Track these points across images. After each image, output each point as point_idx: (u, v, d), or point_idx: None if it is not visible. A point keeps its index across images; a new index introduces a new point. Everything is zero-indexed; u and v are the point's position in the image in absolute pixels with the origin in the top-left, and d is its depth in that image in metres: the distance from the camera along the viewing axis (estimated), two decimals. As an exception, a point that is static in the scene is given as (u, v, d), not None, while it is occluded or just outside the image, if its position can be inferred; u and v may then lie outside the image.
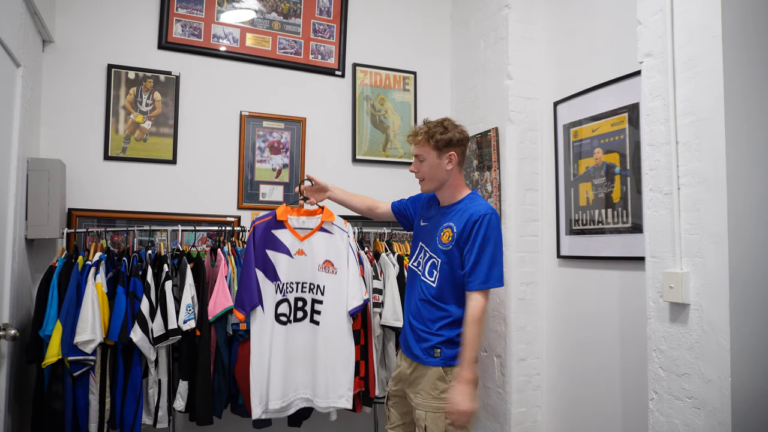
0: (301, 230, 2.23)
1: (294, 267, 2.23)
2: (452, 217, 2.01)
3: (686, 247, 1.73)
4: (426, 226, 2.12)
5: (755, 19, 1.73)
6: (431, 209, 2.16)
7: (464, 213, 1.98)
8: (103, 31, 2.73)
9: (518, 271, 2.80)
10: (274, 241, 2.21)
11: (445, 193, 2.07)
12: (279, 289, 2.21)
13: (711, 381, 1.63)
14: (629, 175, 2.30)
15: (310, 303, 2.24)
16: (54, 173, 2.33)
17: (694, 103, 1.71)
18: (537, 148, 2.88)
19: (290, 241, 2.22)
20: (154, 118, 2.79)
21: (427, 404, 1.93)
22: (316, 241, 2.23)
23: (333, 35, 3.21)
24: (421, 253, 2.09)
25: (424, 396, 1.95)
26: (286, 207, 2.26)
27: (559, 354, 2.73)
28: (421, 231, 2.14)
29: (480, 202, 2.04)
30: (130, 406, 2.20)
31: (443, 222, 2.03)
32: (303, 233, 2.22)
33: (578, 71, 2.62)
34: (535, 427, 2.79)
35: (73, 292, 2.16)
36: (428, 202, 2.20)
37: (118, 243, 2.68)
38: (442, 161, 2.00)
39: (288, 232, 2.20)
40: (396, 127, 3.33)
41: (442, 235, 2.00)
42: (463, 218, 1.96)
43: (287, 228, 2.20)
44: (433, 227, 2.07)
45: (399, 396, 2.10)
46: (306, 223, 2.23)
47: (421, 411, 1.94)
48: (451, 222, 2.00)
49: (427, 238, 2.08)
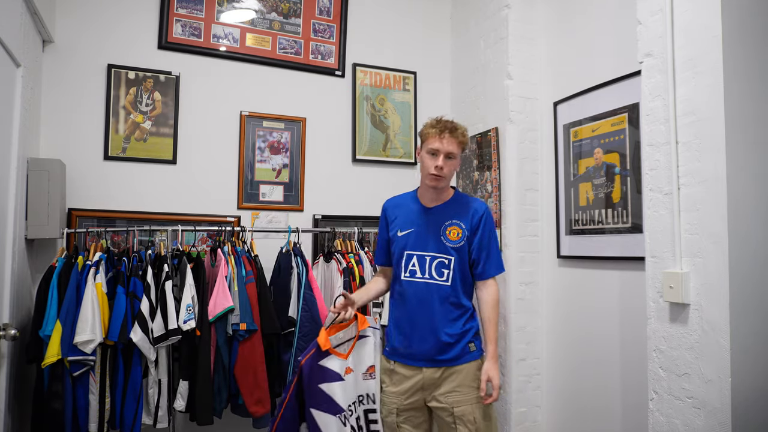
0: (341, 347, 2.04)
1: (347, 388, 2.01)
2: (454, 214, 2.03)
3: (686, 247, 1.73)
4: (411, 233, 2.04)
5: (755, 19, 1.73)
6: (412, 215, 2.08)
7: (466, 209, 2.03)
8: (103, 31, 2.73)
9: (518, 271, 2.80)
10: (324, 374, 1.99)
11: (441, 193, 2.06)
12: (345, 419, 1.97)
13: (711, 381, 1.63)
14: (629, 175, 2.30)
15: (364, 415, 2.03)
16: (54, 173, 2.33)
17: (694, 103, 1.71)
18: (537, 148, 2.88)
19: (338, 366, 2.01)
20: (154, 118, 2.79)
21: (472, 397, 1.94)
22: (357, 352, 2.04)
23: (333, 35, 3.21)
24: (412, 260, 2.02)
25: (465, 391, 1.94)
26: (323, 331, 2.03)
27: (559, 354, 2.73)
28: (405, 239, 2.05)
29: (470, 197, 2.15)
30: (130, 406, 2.20)
31: (444, 221, 2.02)
32: (344, 350, 2.04)
33: (578, 71, 2.62)
34: (535, 427, 2.79)
35: (73, 292, 2.16)
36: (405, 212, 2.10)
37: (118, 243, 2.68)
38: (458, 164, 2.06)
39: (335, 357, 2.01)
40: (396, 127, 3.33)
41: (449, 234, 2.01)
42: (468, 214, 2.02)
43: (332, 353, 2.01)
44: (425, 230, 2.03)
45: (414, 408, 2.01)
46: (344, 338, 2.05)
47: (467, 406, 1.93)
48: (455, 219, 2.02)
49: (417, 243, 2.02)
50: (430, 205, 2.06)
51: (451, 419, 1.93)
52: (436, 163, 1.95)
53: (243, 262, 2.48)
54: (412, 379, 1.98)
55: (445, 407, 1.94)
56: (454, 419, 1.92)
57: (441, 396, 1.95)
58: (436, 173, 1.96)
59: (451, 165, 1.98)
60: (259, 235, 2.87)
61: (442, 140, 1.96)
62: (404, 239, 2.05)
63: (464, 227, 2.01)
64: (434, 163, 1.96)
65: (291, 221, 3.02)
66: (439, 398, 1.96)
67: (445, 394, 1.95)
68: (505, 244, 2.83)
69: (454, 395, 1.94)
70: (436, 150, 1.96)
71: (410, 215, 2.08)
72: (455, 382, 1.95)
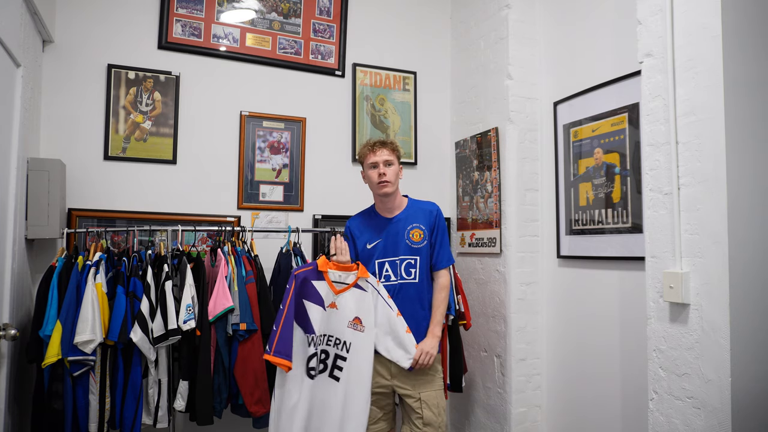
0: (338, 284, 2.20)
1: (325, 320, 2.18)
2: (413, 219, 2.32)
3: (686, 247, 1.73)
4: (379, 243, 2.32)
5: (755, 19, 1.73)
6: (376, 228, 2.34)
7: (422, 211, 2.34)
8: (103, 31, 2.73)
9: (518, 271, 2.80)
10: (310, 292, 2.18)
11: (395, 201, 2.33)
12: (313, 341, 2.16)
13: (711, 381, 1.63)
14: (629, 175, 2.30)
15: (333, 357, 2.18)
16: (54, 173, 2.33)
17: (694, 103, 1.71)
18: (537, 148, 2.88)
19: (325, 293, 2.19)
20: (154, 118, 2.79)
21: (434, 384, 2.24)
22: (350, 297, 2.20)
23: (333, 35, 3.21)
24: (384, 267, 2.30)
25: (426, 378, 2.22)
26: (325, 259, 2.24)
27: (559, 354, 2.73)
28: (374, 250, 2.31)
29: (423, 201, 2.42)
30: (130, 406, 2.20)
31: (405, 227, 2.31)
32: (339, 287, 2.20)
33: (578, 71, 2.63)
34: (535, 427, 2.79)
35: (73, 292, 2.16)
36: (369, 226, 2.36)
37: (118, 243, 2.68)
38: (398, 169, 2.33)
39: (326, 284, 2.19)
40: (396, 127, 3.33)
41: (413, 236, 2.30)
42: (425, 215, 2.33)
43: (326, 280, 2.19)
44: (391, 238, 2.30)
45: (382, 393, 2.26)
46: (343, 277, 2.21)
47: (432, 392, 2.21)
48: (415, 223, 2.32)
49: (386, 251, 2.30)
50: (391, 215, 2.34)
51: (417, 404, 2.19)
52: (378, 172, 2.26)
53: (243, 262, 2.48)
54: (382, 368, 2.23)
55: (411, 394, 2.20)
56: (420, 404, 2.18)
57: (408, 383, 2.21)
58: (382, 180, 2.25)
59: (392, 170, 2.28)
60: (259, 235, 2.87)
61: (376, 153, 2.28)
62: (373, 250, 2.32)
63: (424, 228, 2.31)
64: (377, 172, 2.26)
65: (291, 221, 3.03)
66: (407, 386, 2.21)
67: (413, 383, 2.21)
68: (505, 244, 2.83)
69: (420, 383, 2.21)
70: (375, 162, 2.27)
71: (375, 228, 2.35)
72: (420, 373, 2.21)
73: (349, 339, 2.18)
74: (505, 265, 2.82)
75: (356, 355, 2.16)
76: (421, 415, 2.17)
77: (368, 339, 2.18)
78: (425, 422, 2.17)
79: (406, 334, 2.19)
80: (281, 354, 2.08)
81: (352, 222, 2.43)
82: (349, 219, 2.46)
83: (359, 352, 2.17)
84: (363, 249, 2.34)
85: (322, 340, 2.18)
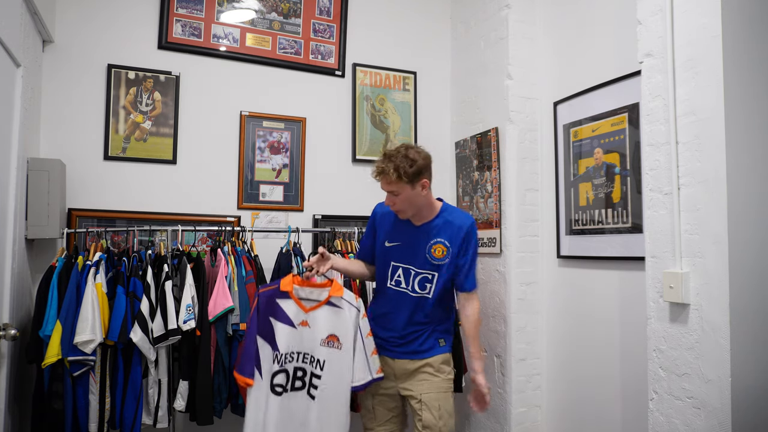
0: (307, 301, 2.16)
1: (297, 338, 2.14)
2: (439, 233, 2.16)
3: (686, 247, 1.73)
4: (398, 246, 2.19)
5: (755, 19, 1.73)
6: (400, 228, 2.20)
7: (450, 226, 2.16)
8: (103, 31, 2.72)
9: (518, 271, 2.80)
10: (276, 311, 2.15)
11: (423, 213, 2.16)
12: (277, 359, 2.13)
13: (711, 381, 1.63)
14: (629, 175, 2.30)
15: (309, 375, 2.14)
16: (54, 173, 2.33)
17: (694, 103, 1.71)
18: (537, 148, 2.88)
19: (294, 312, 2.15)
20: (154, 118, 2.79)
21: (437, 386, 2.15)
22: (322, 315, 2.15)
23: (333, 35, 3.21)
24: (398, 272, 2.19)
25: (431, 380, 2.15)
26: (293, 277, 2.18)
27: (559, 354, 2.73)
28: (391, 251, 2.20)
29: (458, 211, 2.25)
30: (130, 406, 2.20)
31: (429, 240, 2.15)
32: (308, 305, 2.15)
33: (578, 71, 2.62)
34: (535, 427, 2.79)
35: (73, 292, 2.16)
36: (394, 224, 2.22)
37: (118, 243, 2.68)
38: (416, 190, 2.06)
39: (292, 302, 2.15)
40: (396, 127, 3.33)
41: (434, 252, 2.15)
42: (453, 232, 2.15)
43: (292, 298, 2.15)
44: (411, 246, 2.17)
45: (387, 395, 2.22)
46: (313, 294, 2.17)
47: (433, 393, 2.13)
48: (440, 238, 2.15)
49: (403, 257, 2.18)
50: (418, 223, 2.18)
51: (418, 405, 2.13)
52: (389, 199, 2.10)
53: (243, 262, 2.48)
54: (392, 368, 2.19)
55: (413, 395, 2.14)
56: (420, 405, 2.12)
57: (410, 385, 2.16)
58: (393, 209, 2.13)
59: (401, 199, 2.06)
60: (259, 235, 2.87)
61: (380, 182, 2.08)
62: (391, 251, 2.20)
63: (449, 245, 2.14)
64: (388, 201, 2.11)
65: (291, 221, 3.02)
66: (409, 387, 2.16)
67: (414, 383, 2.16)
68: (505, 244, 2.83)
69: (423, 384, 2.15)
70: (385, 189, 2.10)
71: (398, 228, 2.21)
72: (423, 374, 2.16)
73: (323, 357, 2.13)
74: (505, 265, 2.82)
75: (331, 373, 2.12)
76: (421, 417, 2.11)
77: (346, 356, 2.13)
78: (424, 425, 2.10)
79: (372, 356, 2.14)
80: (242, 371, 2.09)
81: (380, 209, 2.29)
82: (379, 203, 2.30)
83: (335, 370, 2.12)
84: (381, 244, 2.24)
85: (294, 358, 2.14)
